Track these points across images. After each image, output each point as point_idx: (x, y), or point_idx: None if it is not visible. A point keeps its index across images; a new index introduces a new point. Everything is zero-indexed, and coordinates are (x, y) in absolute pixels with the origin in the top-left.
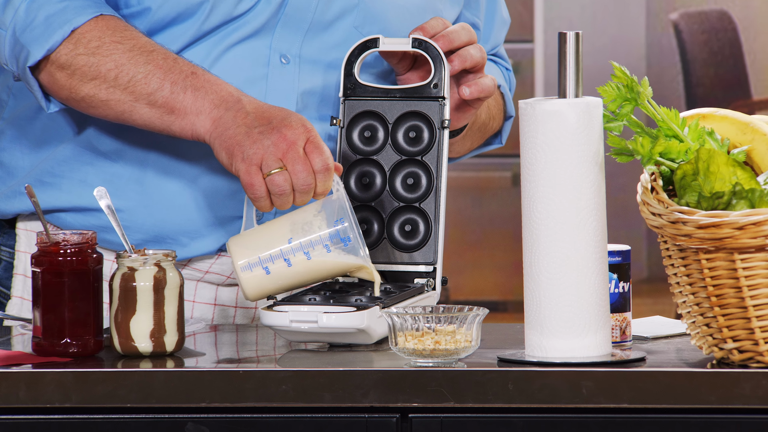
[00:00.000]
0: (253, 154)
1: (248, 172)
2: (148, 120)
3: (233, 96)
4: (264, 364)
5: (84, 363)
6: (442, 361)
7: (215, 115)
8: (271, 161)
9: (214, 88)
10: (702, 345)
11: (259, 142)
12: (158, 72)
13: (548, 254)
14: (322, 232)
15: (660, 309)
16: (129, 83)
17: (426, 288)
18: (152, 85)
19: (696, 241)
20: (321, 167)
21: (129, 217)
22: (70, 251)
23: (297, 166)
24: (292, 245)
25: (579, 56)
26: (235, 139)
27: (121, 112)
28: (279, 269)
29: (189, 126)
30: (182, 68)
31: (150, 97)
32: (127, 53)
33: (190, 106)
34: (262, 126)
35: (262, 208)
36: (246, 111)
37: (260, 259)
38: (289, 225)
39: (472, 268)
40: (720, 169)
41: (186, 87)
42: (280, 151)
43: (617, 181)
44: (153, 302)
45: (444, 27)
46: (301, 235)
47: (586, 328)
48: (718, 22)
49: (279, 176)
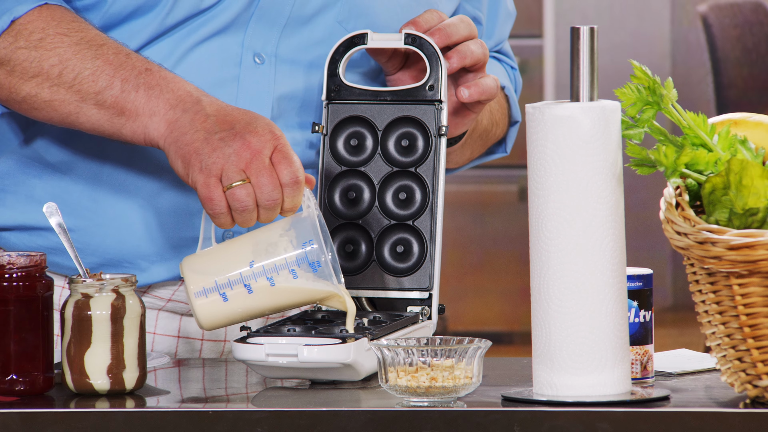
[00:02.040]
0: (212, 163)
1: (206, 184)
2: (97, 123)
3: (192, 96)
4: (236, 403)
5: (32, 402)
6: (438, 400)
7: (171, 117)
8: (232, 172)
9: (170, 87)
10: (734, 382)
11: (219, 150)
12: (107, 68)
13: (559, 279)
14: (287, 255)
15: (686, 341)
16: (75, 81)
17: (421, 317)
18: (100, 83)
19: (727, 264)
20: (289, 180)
21: (80, 238)
22: (16, 275)
23: (262, 179)
24: (253, 269)
25: (594, 54)
26: (193, 146)
27: (66, 114)
28: (238, 296)
29: (141, 129)
30: (135, 64)
31: (98, 97)
32: (74, 47)
33: (142, 106)
34: (223, 131)
35: (221, 225)
36: (206, 113)
37: (217, 284)
38: (252, 246)
39: (473, 294)
40: (754, 183)
41: (138, 85)
42: (243, 160)
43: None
44: (110, 333)
45: (440, 20)
46: (265, 257)
47: (601, 363)
48: (752, 14)
49: (241, 190)
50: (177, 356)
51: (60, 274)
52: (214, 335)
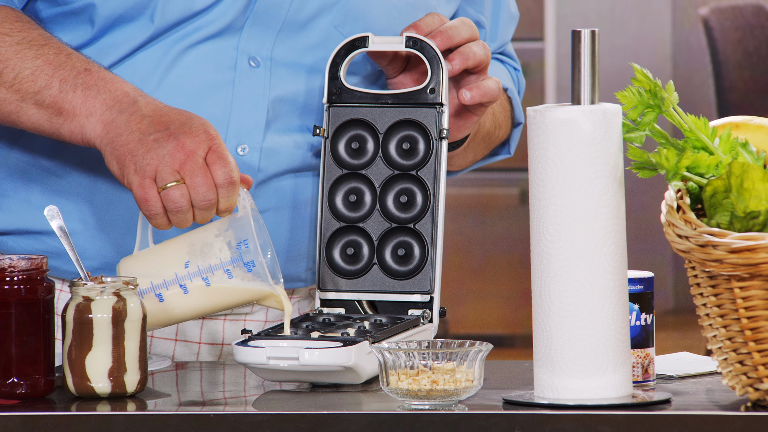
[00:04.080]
0: (147, 164)
1: (141, 185)
2: (36, 122)
3: (129, 96)
4: (235, 406)
5: (33, 406)
6: (439, 403)
7: (107, 117)
8: (166, 173)
9: (108, 87)
10: (735, 385)
11: (153, 151)
12: (47, 68)
13: (560, 282)
14: (222, 255)
15: (687, 344)
16: (15, 80)
17: (422, 320)
18: (39, 83)
19: (728, 267)
20: (224, 180)
21: (77, 242)
22: (17, 279)
23: (196, 179)
24: (189, 270)
25: (595, 57)
26: (127, 147)
27: (7, 113)
28: (174, 297)
29: (78, 129)
30: (75, 64)
31: (37, 96)
32: (15, 47)
33: (79, 106)
34: (158, 132)
35: (159, 226)
36: (141, 114)
37: (152, 285)
38: (187, 246)
39: (475, 297)
40: (755, 186)
41: (76, 85)
42: (176, 161)
43: (639, 199)
44: (111, 336)
45: (441, 23)
46: (200, 258)
47: (603, 366)
48: (753, 17)
49: (175, 191)
50: (174, 359)
51: (58, 278)
52: (211, 338)
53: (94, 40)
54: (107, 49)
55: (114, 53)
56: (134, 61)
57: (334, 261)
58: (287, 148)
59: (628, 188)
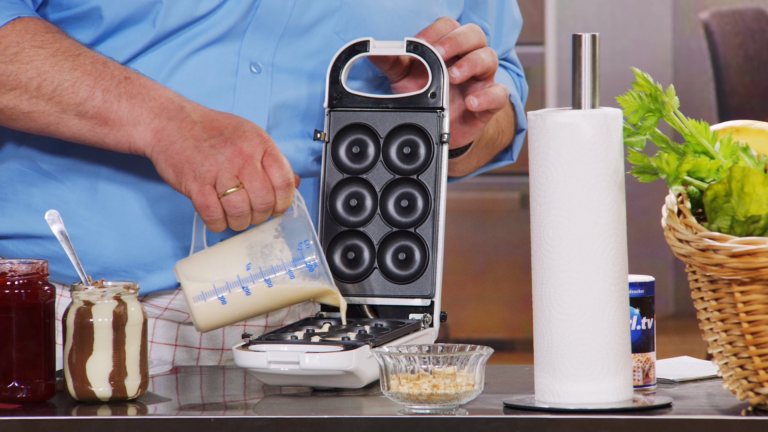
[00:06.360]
0: (206, 171)
1: (201, 192)
2: (78, 133)
3: (174, 103)
4: (235, 410)
5: (34, 410)
6: (440, 407)
7: (156, 125)
8: (226, 179)
9: (151, 95)
10: (736, 389)
11: (211, 158)
12: (87, 79)
13: (561, 286)
14: (284, 256)
15: (688, 348)
16: (54, 93)
17: (422, 324)
18: (81, 94)
19: (729, 272)
20: (281, 183)
21: (77, 247)
22: (18, 283)
23: (255, 184)
24: (251, 272)
25: (596, 61)
26: (184, 155)
27: (46, 125)
28: (236, 298)
29: (126, 138)
30: (114, 73)
31: (79, 108)
32: (50, 59)
33: (125, 116)
34: (212, 138)
35: (216, 229)
36: (192, 120)
37: (215, 288)
38: (246, 248)
39: (475, 302)
40: (756, 190)
41: (120, 95)
42: (235, 167)
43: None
44: (112, 341)
45: (452, 28)
46: (261, 260)
47: (603, 371)
48: (754, 22)
49: (236, 196)
50: (175, 364)
51: (58, 283)
52: (212, 343)
53: (95, 45)
54: (108, 53)
55: (115, 57)
56: (135, 66)
57: (335, 265)
58: (288, 153)
59: (629, 192)
